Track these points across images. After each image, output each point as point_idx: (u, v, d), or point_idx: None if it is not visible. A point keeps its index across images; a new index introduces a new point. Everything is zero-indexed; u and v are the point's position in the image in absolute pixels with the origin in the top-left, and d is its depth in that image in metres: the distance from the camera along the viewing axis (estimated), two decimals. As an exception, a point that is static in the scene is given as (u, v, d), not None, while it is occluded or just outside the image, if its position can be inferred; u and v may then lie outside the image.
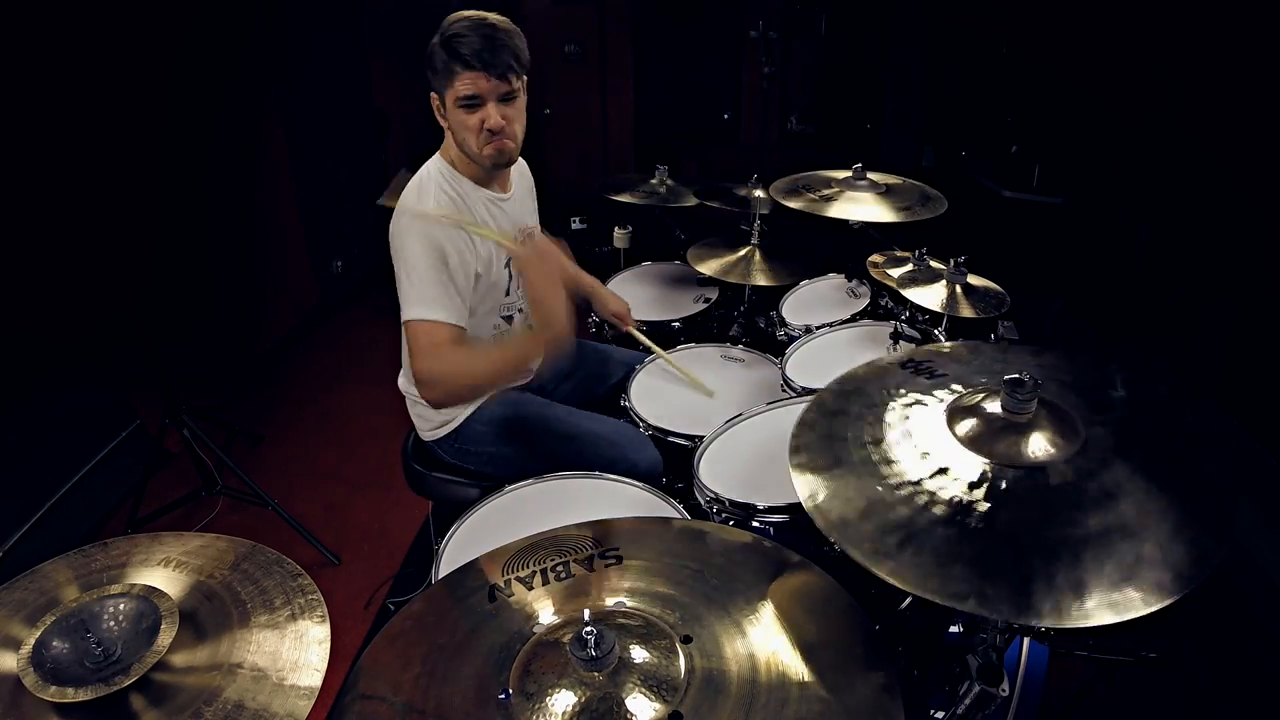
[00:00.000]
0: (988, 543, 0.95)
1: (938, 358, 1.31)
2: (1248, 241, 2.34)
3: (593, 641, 0.88)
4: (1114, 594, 0.87)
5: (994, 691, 1.06)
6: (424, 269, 1.56)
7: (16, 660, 0.88)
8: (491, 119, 1.60)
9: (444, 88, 1.61)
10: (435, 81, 1.62)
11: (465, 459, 1.83)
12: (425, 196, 1.64)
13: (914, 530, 0.97)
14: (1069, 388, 1.17)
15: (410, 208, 1.62)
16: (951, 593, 0.89)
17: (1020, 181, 3.55)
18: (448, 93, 1.60)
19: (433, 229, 1.59)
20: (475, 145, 1.63)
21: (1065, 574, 0.89)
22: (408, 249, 1.58)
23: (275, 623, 0.99)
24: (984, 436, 1.09)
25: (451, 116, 1.63)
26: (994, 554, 0.94)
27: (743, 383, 2.05)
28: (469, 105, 1.59)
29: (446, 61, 1.57)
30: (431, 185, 1.66)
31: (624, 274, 2.74)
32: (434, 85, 1.63)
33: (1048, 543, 0.93)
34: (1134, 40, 2.87)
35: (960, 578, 0.90)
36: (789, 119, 4.67)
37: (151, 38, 2.75)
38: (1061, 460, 1.03)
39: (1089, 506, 0.97)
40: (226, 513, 2.68)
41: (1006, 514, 0.98)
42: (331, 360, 3.70)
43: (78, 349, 2.68)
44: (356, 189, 3.96)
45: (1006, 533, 0.96)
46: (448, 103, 1.62)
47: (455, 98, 1.59)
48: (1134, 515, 0.95)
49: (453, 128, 1.65)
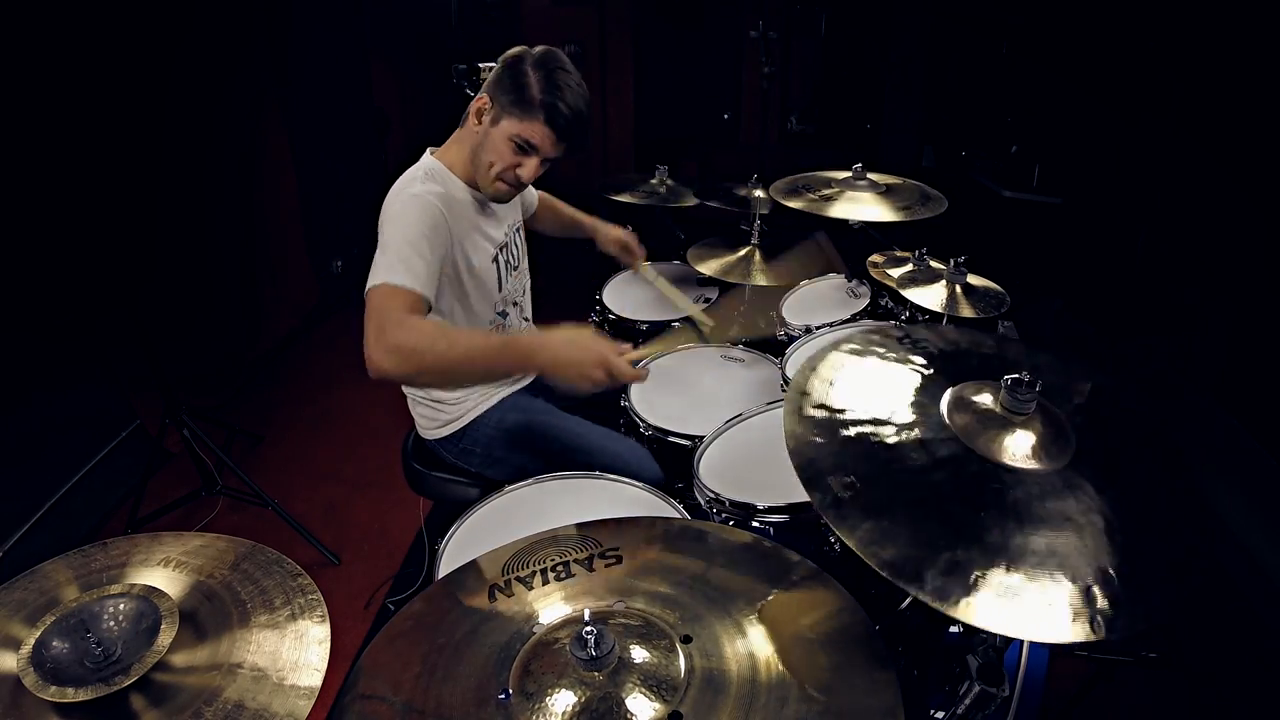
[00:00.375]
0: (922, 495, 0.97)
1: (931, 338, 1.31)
2: (1248, 242, 2.34)
3: (593, 641, 0.88)
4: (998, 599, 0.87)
5: (994, 692, 1.06)
6: (399, 241, 1.47)
7: (16, 660, 0.88)
8: (527, 171, 1.62)
9: (509, 113, 1.57)
10: (501, 98, 1.57)
11: (468, 459, 1.83)
12: (419, 184, 1.59)
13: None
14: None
15: (411, 196, 1.57)
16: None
17: (1020, 181, 3.55)
18: (509, 120, 1.57)
19: (426, 203, 1.54)
20: (494, 173, 1.62)
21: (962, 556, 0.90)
22: (392, 221, 1.52)
23: (275, 623, 0.99)
24: (971, 419, 1.09)
25: (494, 137, 1.59)
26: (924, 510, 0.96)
27: (743, 383, 2.05)
28: (520, 147, 1.59)
29: (533, 102, 1.54)
30: (421, 180, 1.61)
31: (624, 274, 2.74)
32: (495, 96, 1.58)
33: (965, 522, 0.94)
34: (1134, 40, 2.87)
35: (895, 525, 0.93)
36: (789, 119, 4.67)
37: (152, 38, 2.75)
38: (1034, 471, 1.03)
39: (1033, 519, 0.95)
40: (226, 513, 2.69)
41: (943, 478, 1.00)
42: (331, 360, 3.70)
43: (78, 349, 2.68)
44: (357, 189, 3.96)
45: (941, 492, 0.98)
46: (501, 124, 1.58)
47: (514, 133, 1.57)
48: (1069, 549, 0.92)
49: (486, 144, 1.61)
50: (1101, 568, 0.91)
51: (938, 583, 0.88)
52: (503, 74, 1.58)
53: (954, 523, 0.95)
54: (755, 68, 3.06)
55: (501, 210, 1.79)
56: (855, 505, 0.96)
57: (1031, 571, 0.89)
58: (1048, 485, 1.00)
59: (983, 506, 0.96)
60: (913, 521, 0.95)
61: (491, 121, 1.60)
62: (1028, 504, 0.97)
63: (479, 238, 1.70)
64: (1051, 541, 0.93)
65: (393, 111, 4.26)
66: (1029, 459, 1.03)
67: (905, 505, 0.97)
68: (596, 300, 2.56)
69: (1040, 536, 0.93)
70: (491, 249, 1.74)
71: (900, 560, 0.90)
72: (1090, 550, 0.93)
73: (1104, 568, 0.91)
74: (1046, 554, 0.91)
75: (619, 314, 2.45)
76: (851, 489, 0.97)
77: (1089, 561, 0.92)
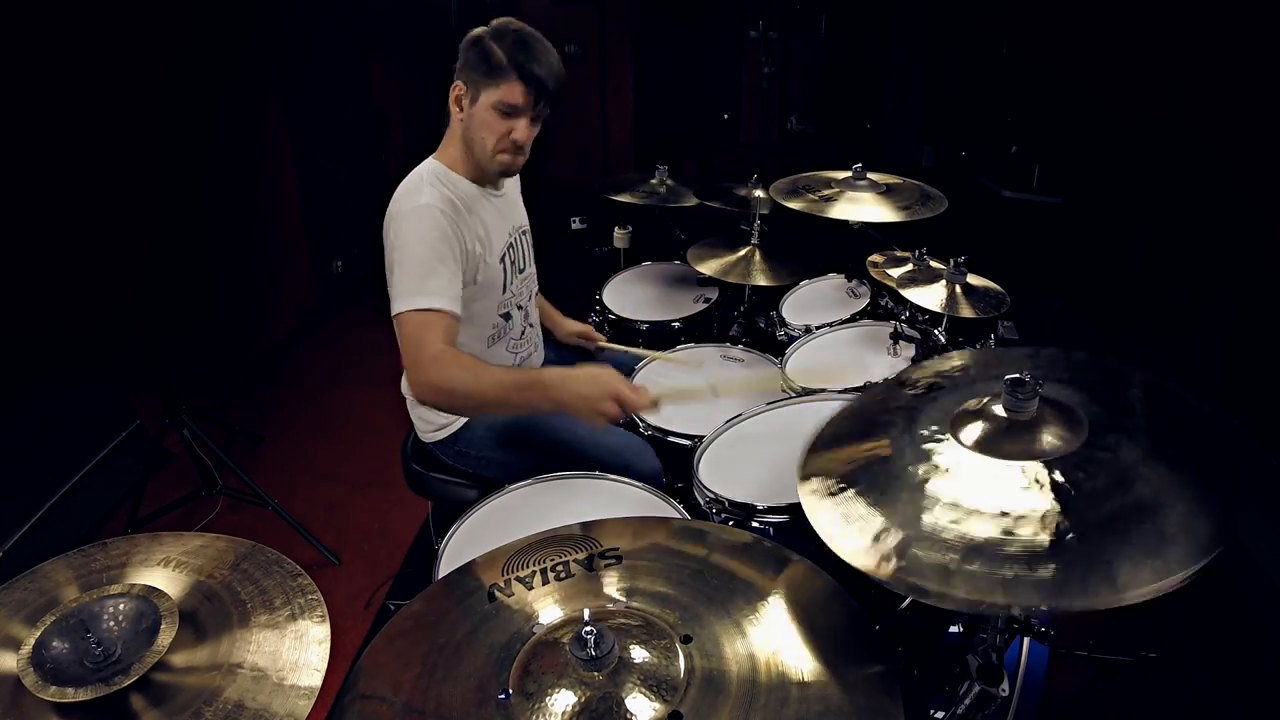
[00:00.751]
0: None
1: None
2: (1248, 242, 2.33)
3: (593, 641, 0.88)
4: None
5: (994, 691, 1.06)
6: (416, 260, 1.53)
7: (16, 660, 0.88)
8: (520, 132, 1.62)
9: (484, 86, 1.59)
10: (472, 75, 1.60)
11: (464, 461, 1.83)
12: (423, 191, 1.61)
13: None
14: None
15: (416, 208, 1.59)
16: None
17: (1020, 181, 3.55)
18: (487, 92, 1.59)
19: (431, 214, 1.56)
20: (490, 148, 1.64)
21: (1118, 550, 0.87)
22: (403, 236, 1.56)
23: (275, 622, 0.99)
24: (994, 439, 1.06)
25: (478, 113, 1.62)
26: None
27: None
28: (505, 112, 1.60)
29: (502, 65, 1.56)
30: (425, 185, 1.63)
31: (624, 274, 2.74)
32: (466, 77, 1.61)
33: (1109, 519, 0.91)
34: (1134, 40, 2.87)
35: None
36: (789, 119, 4.68)
37: (153, 38, 2.75)
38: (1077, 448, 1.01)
39: (1108, 492, 0.95)
40: (226, 513, 2.68)
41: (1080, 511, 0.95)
42: (331, 360, 3.70)
43: (78, 349, 2.68)
44: (357, 189, 3.96)
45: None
46: (480, 100, 1.61)
47: (495, 101, 1.59)
48: (1150, 494, 0.93)
49: (472, 124, 1.64)
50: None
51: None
52: (469, 55, 1.61)
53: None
54: (755, 67, 3.06)
55: (505, 210, 1.80)
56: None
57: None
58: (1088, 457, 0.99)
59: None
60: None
61: (471, 101, 1.62)
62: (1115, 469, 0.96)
63: (486, 235, 1.71)
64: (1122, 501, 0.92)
65: (393, 111, 4.25)
66: (1057, 445, 1.02)
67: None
68: (597, 300, 2.56)
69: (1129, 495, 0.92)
70: (499, 247, 1.75)
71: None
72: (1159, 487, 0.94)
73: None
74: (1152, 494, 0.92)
75: (619, 314, 2.46)
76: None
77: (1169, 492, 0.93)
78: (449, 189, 1.66)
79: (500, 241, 1.76)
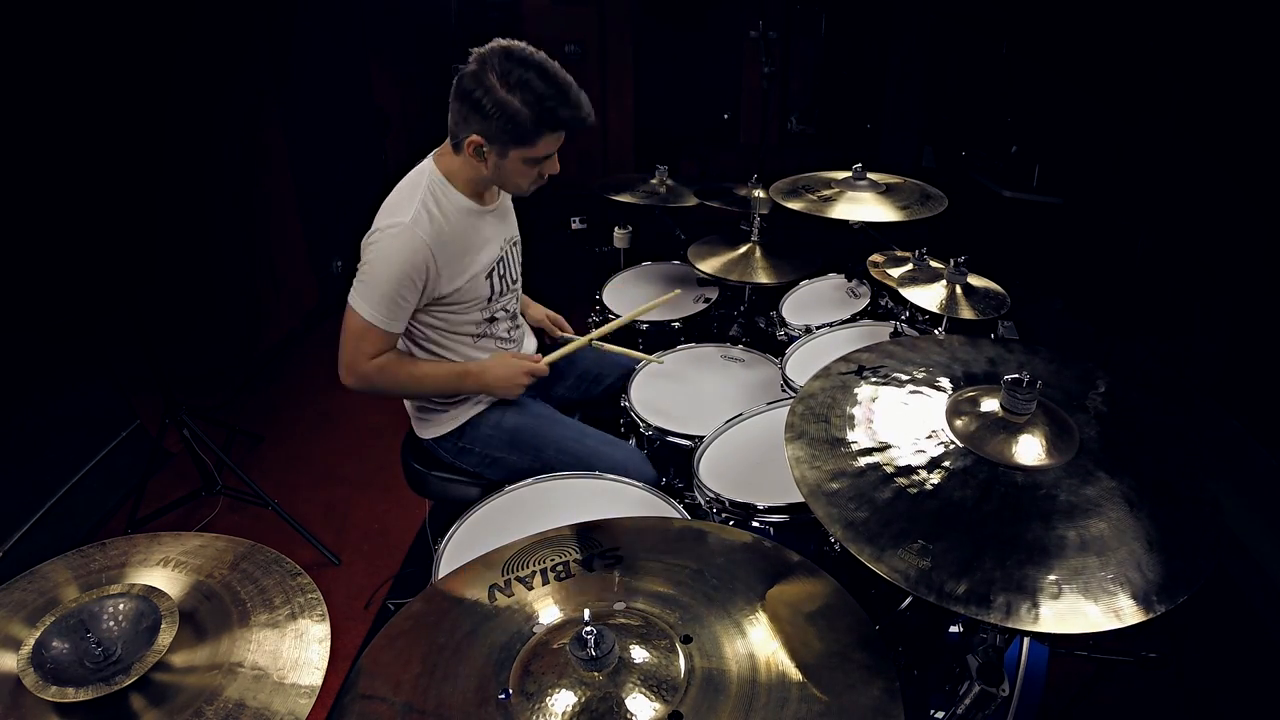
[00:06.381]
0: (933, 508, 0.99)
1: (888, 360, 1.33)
2: (1247, 242, 2.34)
3: (593, 641, 0.88)
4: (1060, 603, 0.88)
5: (994, 691, 1.06)
6: (385, 280, 1.58)
7: (16, 660, 0.88)
8: (553, 168, 1.64)
9: (518, 146, 1.53)
10: (502, 137, 1.52)
11: (465, 459, 1.83)
12: (413, 209, 1.58)
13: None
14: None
15: (399, 231, 1.57)
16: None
17: (1020, 181, 3.55)
18: (519, 150, 1.54)
19: (415, 245, 1.55)
20: (525, 188, 1.67)
21: (1016, 571, 0.91)
22: (380, 256, 1.57)
23: (275, 622, 0.99)
24: (977, 428, 1.09)
25: (510, 169, 1.58)
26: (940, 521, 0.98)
27: (743, 383, 2.05)
28: (539, 161, 1.60)
29: (531, 127, 1.51)
30: (418, 203, 1.59)
31: (624, 274, 2.74)
32: (493, 136, 1.52)
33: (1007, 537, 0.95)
34: (1133, 40, 2.87)
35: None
36: (789, 119, 4.68)
37: (153, 38, 2.75)
38: (1047, 467, 1.04)
39: (1059, 516, 0.98)
40: (226, 513, 2.68)
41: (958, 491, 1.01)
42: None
43: (78, 349, 2.68)
44: (356, 189, 3.96)
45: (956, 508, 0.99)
46: (512, 157, 1.56)
47: (529, 157, 1.56)
48: (1107, 534, 0.95)
49: (503, 176, 1.61)
50: (1141, 541, 0.94)
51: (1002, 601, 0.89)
52: (484, 110, 1.50)
53: (1001, 537, 0.96)
54: (755, 68, 3.06)
55: (498, 222, 1.77)
56: (941, 565, 0.93)
57: (1080, 562, 0.92)
58: (1064, 479, 1.02)
59: (1021, 513, 0.98)
60: (967, 548, 0.95)
61: (499, 156, 1.57)
62: (1055, 500, 0.99)
63: (473, 256, 1.68)
64: (1084, 532, 0.95)
65: (393, 111, 4.25)
66: (1040, 458, 1.04)
67: (959, 535, 0.97)
68: (596, 300, 2.56)
69: (1073, 529, 0.95)
70: (487, 263, 1.72)
71: (969, 592, 0.90)
72: (1128, 529, 0.96)
73: (1143, 541, 0.94)
74: (1090, 540, 0.94)
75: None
76: (927, 553, 0.95)
77: (1127, 541, 0.95)
78: (440, 210, 1.61)
79: (490, 256, 1.73)
